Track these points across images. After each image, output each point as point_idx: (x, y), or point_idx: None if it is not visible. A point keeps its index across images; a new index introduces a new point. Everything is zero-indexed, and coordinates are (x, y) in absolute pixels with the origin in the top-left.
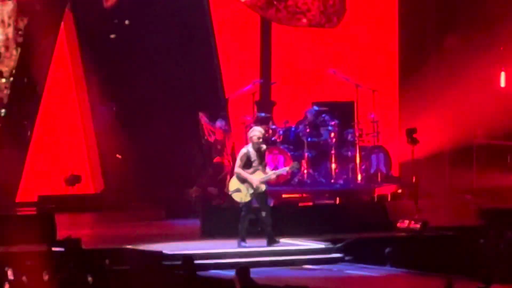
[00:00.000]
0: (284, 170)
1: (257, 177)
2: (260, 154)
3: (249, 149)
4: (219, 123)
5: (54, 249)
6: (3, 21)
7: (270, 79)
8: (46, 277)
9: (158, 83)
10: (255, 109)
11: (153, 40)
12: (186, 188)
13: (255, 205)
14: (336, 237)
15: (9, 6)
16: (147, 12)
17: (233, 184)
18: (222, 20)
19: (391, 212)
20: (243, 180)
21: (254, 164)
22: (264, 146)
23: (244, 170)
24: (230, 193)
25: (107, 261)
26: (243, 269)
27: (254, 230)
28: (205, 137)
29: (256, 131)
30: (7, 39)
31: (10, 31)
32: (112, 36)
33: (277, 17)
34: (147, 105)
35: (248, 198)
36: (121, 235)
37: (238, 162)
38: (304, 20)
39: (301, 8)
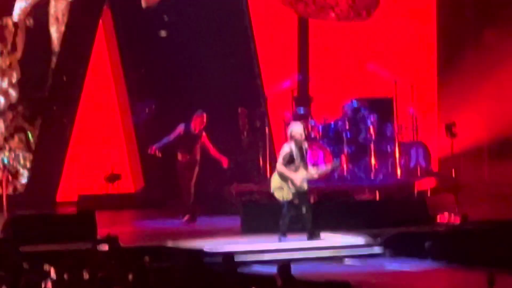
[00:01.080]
0: (326, 168)
1: (300, 176)
2: (302, 152)
3: (291, 146)
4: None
5: (94, 247)
6: (57, 19)
7: (308, 75)
8: (87, 276)
9: (197, 80)
10: (294, 106)
11: (192, 37)
12: (226, 184)
13: (296, 201)
14: (376, 232)
15: (63, 4)
16: (186, 9)
17: (275, 181)
18: (260, 17)
19: (431, 206)
20: (285, 178)
21: (296, 162)
22: (306, 144)
23: (286, 167)
24: (272, 190)
25: (146, 259)
26: (284, 266)
27: (295, 227)
28: (245, 133)
29: (298, 128)
30: (60, 37)
31: (63, 29)
32: (163, 33)
33: (306, 12)
34: (187, 102)
35: (290, 197)
36: (161, 232)
37: (280, 159)
38: (333, 15)
39: (330, 3)
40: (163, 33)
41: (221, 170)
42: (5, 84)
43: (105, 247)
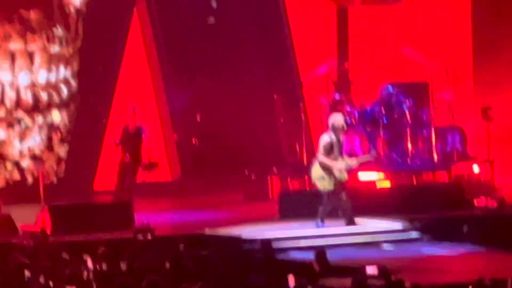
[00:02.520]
0: (366, 158)
1: (340, 165)
2: (340, 142)
3: (332, 136)
4: None
5: (132, 237)
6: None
7: (346, 60)
8: (124, 265)
9: (233, 67)
10: (332, 91)
11: (228, 24)
12: (263, 171)
13: (336, 190)
14: (413, 217)
15: None
16: None
17: (317, 171)
18: (297, 2)
19: (468, 190)
20: (327, 168)
21: (335, 151)
22: (343, 135)
23: (326, 157)
24: (313, 180)
25: (181, 247)
26: (320, 252)
27: (333, 214)
28: (281, 120)
29: (340, 119)
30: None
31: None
32: (211, 19)
33: None
34: (223, 90)
35: (331, 187)
36: (199, 220)
37: (321, 149)
38: None
39: None
40: (211, 20)
41: (258, 157)
42: (68, 73)
43: (143, 236)
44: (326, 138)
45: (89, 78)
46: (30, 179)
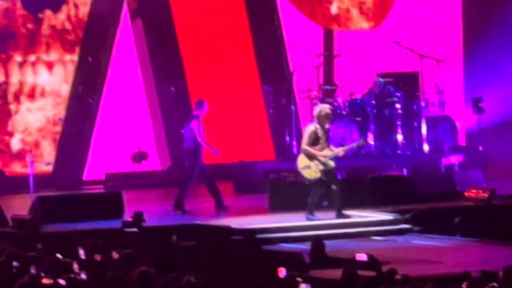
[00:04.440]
0: (352, 146)
1: (326, 154)
2: (326, 131)
3: (316, 126)
4: None
5: (122, 227)
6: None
7: (333, 51)
8: (115, 255)
9: (223, 58)
10: (320, 82)
11: (217, 15)
12: (253, 162)
13: (325, 178)
14: (404, 208)
15: None
16: None
17: (302, 161)
18: None
19: (459, 182)
20: (311, 157)
21: (321, 141)
22: (328, 124)
23: (311, 147)
24: (299, 169)
25: (174, 237)
26: (317, 243)
27: (321, 204)
28: (270, 111)
29: (326, 108)
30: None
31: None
32: None
33: None
34: (212, 80)
35: (318, 175)
36: (189, 211)
37: (306, 139)
38: None
39: None
40: None
41: (248, 148)
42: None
43: (132, 227)
44: (311, 128)
45: (80, 68)
46: (20, 169)
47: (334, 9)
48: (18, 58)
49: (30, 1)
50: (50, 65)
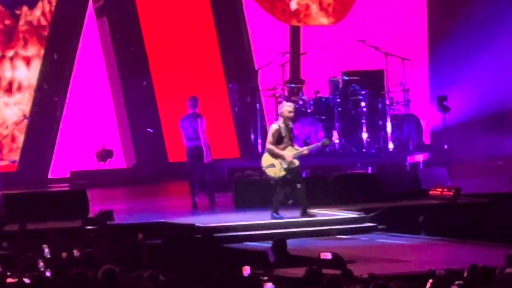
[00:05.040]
0: (316, 146)
1: (290, 153)
2: (289, 130)
3: (280, 124)
4: None
5: (85, 225)
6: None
7: (299, 49)
8: (77, 253)
9: (189, 56)
10: (285, 81)
11: (184, 14)
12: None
13: (289, 177)
14: (368, 207)
15: None
16: None
17: (266, 159)
18: None
19: (424, 180)
20: (275, 156)
21: (285, 140)
22: (292, 123)
23: (275, 146)
24: (263, 168)
25: (140, 236)
26: (279, 242)
27: (286, 202)
28: (236, 109)
29: (288, 106)
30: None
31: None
32: None
33: None
34: (178, 78)
35: (282, 173)
36: (153, 209)
37: (269, 138)
38: None
39: None
40: None
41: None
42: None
43: (96, 225)
44: (274, 127)
45: (45, 65)
46: None
47: (293, 5)
48: None
49: None
50: (27, 60)
